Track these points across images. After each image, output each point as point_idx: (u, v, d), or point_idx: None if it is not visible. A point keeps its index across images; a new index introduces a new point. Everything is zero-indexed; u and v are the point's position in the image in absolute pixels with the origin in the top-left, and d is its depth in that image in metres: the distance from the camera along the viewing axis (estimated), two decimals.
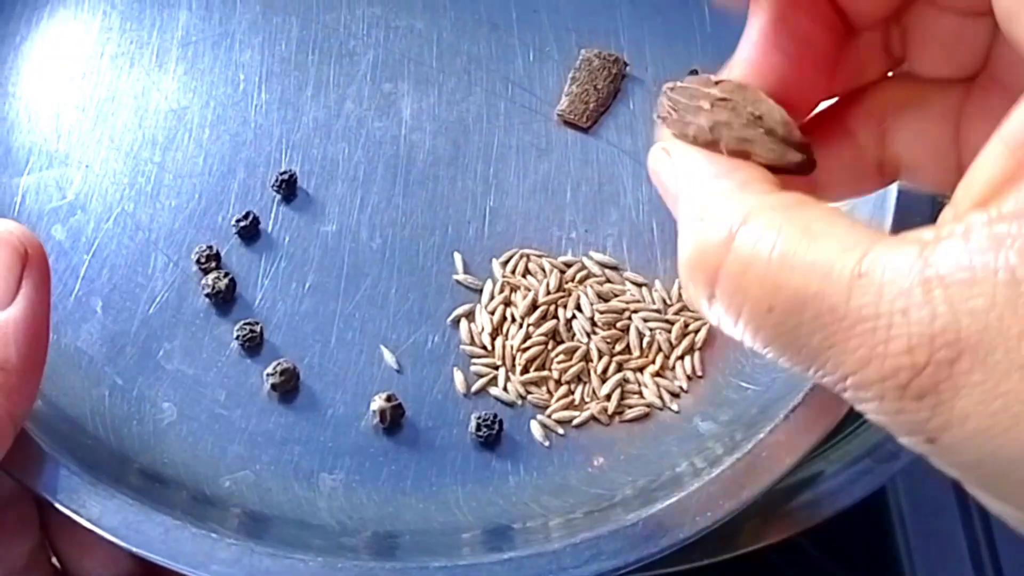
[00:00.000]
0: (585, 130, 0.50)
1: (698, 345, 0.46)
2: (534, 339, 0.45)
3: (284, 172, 0.47)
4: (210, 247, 0.45)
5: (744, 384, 0.44)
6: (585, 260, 0.47)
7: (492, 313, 0.45)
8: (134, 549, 0.37)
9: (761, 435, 0.40)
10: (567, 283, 0.46)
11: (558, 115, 0.50)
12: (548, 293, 0.46)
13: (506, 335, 0.45)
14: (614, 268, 0.47)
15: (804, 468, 0.45)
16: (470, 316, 0.46)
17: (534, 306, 0.45)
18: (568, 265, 0.47)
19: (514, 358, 0.45)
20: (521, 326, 0.45)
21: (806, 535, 0.48)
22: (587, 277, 0.47)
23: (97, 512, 0.37)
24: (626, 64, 0.51)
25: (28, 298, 0.35)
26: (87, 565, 0.39)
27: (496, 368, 0.45)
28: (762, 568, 0.53)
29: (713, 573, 0.45)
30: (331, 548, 0.40)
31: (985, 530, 0.57)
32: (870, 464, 0.49)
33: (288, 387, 0.43)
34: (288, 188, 0.47)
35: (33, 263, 0.36)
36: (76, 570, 0.39)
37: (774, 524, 0.48)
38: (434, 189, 0.48)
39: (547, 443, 0.43)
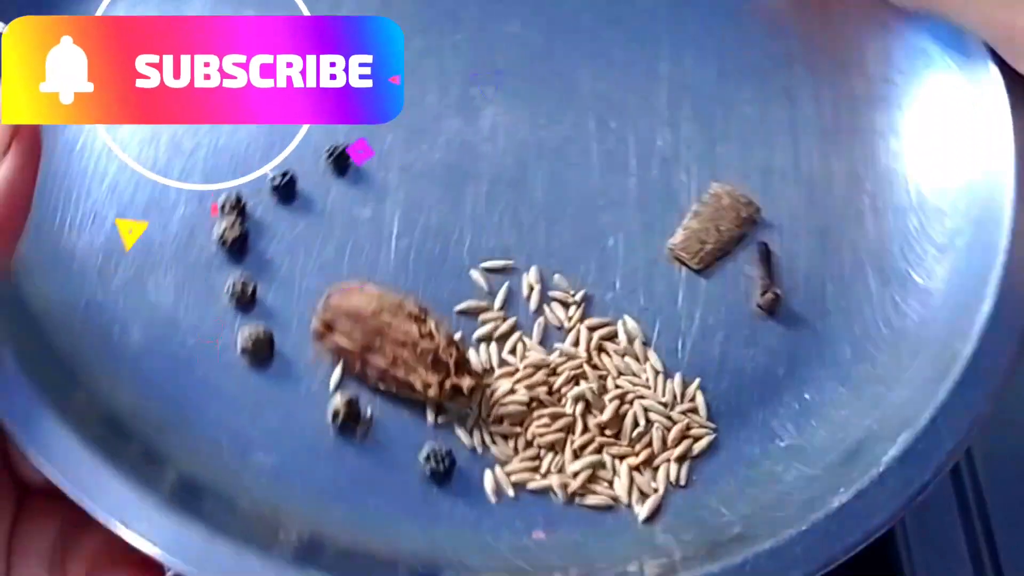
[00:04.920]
0: (697, 271, 0.46)
1: (693, 453, 0.42)
2: (518, 395, 0.42)
3: (338, 146, 0.46)
4: (239, 196, 0.44)
5: (723, 510, 0.41)
6: (619, 323, 0.44)
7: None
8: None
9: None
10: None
11: (669, 249, 0.46)
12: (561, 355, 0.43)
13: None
14: (643, 343, 0.44)
15: None
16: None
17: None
18: (595, 327, 0.44)
19: (491, 408, 0.42)
20: (512, 375, 0.43)
21: None
22: (611, 338, 0.44)
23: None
24: (759, 210, 0.47)
25: (15, 159, 0.36)
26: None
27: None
28: None
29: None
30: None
31: (985, 530, 0.55)
32: None
33: (260, 356, 0.42)
34: (339, 162, 0.46)
35: (23, 133, 0.36)
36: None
37: None
38: (486, 209, 0.46)
39: (494, 498, 0.40)
